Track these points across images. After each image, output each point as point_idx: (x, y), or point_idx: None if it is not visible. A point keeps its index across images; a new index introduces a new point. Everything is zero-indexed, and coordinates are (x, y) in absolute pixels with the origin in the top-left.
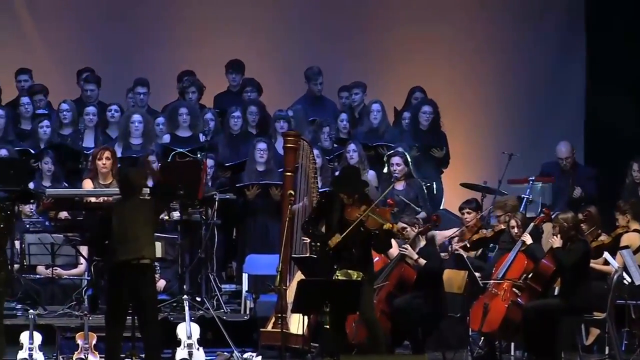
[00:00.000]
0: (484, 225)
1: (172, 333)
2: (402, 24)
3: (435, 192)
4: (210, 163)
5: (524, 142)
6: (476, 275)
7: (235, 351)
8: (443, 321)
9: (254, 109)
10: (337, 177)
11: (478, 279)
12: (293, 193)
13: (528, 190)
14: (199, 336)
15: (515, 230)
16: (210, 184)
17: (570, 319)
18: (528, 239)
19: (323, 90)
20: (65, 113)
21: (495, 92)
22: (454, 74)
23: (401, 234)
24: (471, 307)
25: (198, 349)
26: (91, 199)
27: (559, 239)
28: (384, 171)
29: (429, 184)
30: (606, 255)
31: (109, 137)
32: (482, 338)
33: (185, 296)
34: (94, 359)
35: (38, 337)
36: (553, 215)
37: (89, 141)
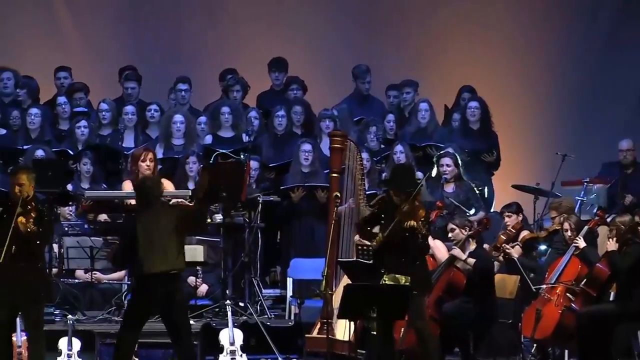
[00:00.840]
0: (525, 228)
1: (215, 339)
2: (453, 21)
3: (486, 195)
4: (255, 165)
5: (579, 143)
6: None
7: (280, 358)
8: (494, 327)
9: (298, 109)
10: (389, 176)
11: (530, 283)
12: (339, 195)
13: (582, 193)
14: (242, 342)
15: (569, 233)
16: (255, 186)
17: (626, 324)
18: (581, 243)
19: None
20: (104, 113)
21: (549, 91)
22: (506, 73)
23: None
24: (523, 313)
25: (241, 356)
26: (131, 201)
27: (614, 242)
28: (433, 172)
29: (479, 187)
30: None
31: (149, 138)
32: (535, 345)
33: (227, 301)
34: None
35: (77, 343)
36: (609, 218)
37: (128, 141)
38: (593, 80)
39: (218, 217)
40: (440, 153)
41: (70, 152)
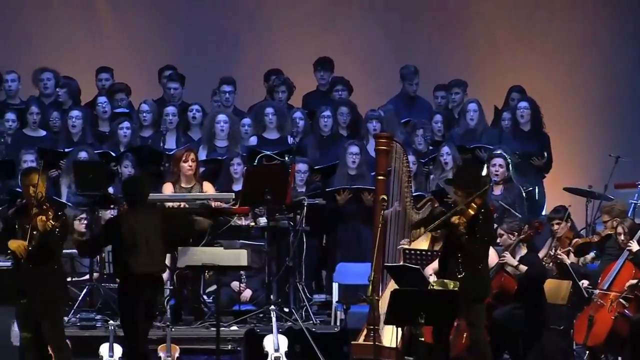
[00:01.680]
0: (577, 235)
1: (259, 345)
2: (501, 21)
3: (537, 198)
4: (303, 167)
5: (633, 145)
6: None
7: None
8: (545, 334)
9: (344, 110)
10: (455, 172)
11: (583, 289)
12: (386, 198)
13: (636, 195)
14: (286, 349)
15: (622, 237)
16: (305, 188)
17: None
18: (635, 247)
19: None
20: (145, 114)
21: (601, 92)
22: (556, 73)
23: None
24: (575, 319)
25: None
26: (171, 204)
27: None
28: (483, 174)
29: (530, 188)
30: None
31: (191, 139)
32: (587, 352)
33: (272, 307)
34: None
35: (118, 349)
36: None
37: (170, 143)
38: None
39: (262, 221)
40: (491, 154)
41: (113, 154)
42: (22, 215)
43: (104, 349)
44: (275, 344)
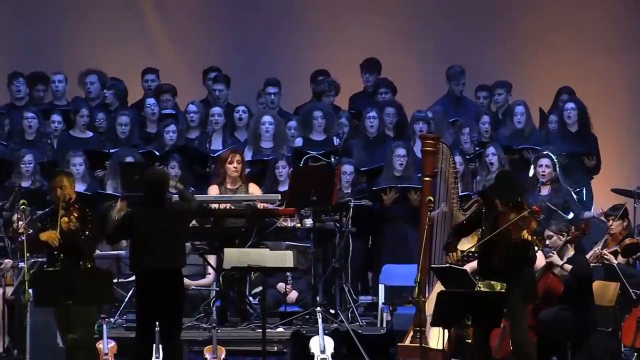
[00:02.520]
0: (631, 235)
1: (305, 347)
2: (546, 22)
3: (584, 199)
4: (349, 169)
5: None
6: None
7: None
8: (592, 335)
9: (390, 111)
10: (494, 183)
11: (631, 290)
12: (432, 199)
13: None
14: (332, 350)
15: None
16: (350, 190)
17: None
18: None
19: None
20: (192, 115)
21: None
22: (602, 73)
23: (538, 243)
24: (623, 321)
25: None
26: (216, 205)
27: None
28: (530, 175)
29: (577, 189)
30: None
31: (237, 140)
32: (635, 354)
33: (318, 308)
34: None
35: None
36: None
37: (216, 144)
38: None
39: (308, 222)
40: (538, 154)
41: (157, 153)
42: (52, 217)
43: None
44: (321, 345)
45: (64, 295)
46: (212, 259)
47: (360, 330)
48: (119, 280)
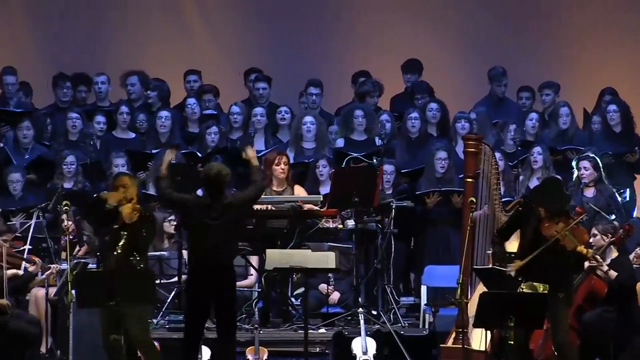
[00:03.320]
0: None
1: (347, 348)
2: (590, 23)
3: (627, 200)
4: (389, 169)
5: None
6: None
7: None
8: (636, 337)
9: (434, 106)
10: (536, 189)
11: None
12: (474, 200)
13: None
14: (375, 351)
15: None
16: (391, 190)
17: None
18: None
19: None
20: (236, 116)
21: None
22: None
23: (594, 259)
24: None
25: None
26: (260, 206)
27: None
28: (573, 177)
29: (621, 190)
30: None
31: (280, 141)
32: None
33: (360, 309)
34: None
35: (206, 352)
36: None
37: (259, 145)
38: None
39: (350, 223)
40: (580, 156)
41: (199, 155)
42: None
43: None
44: (363, 346)
45: (107, 296)
46: (254, 260)
47: (402, 332)
48: (162, 281)
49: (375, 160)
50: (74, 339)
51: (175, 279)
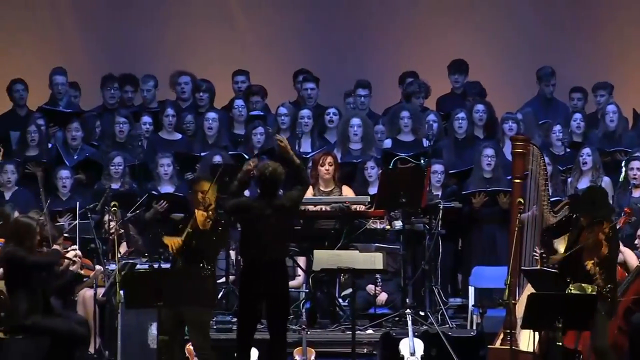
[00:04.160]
0: None
1: (395, 349)
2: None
3: None
4: (439, 168)
5: None
6: None
7: None
8: None
9: (481, 107)
10: (580, 197)
11: None
12: (522, 201)
13: None
14: (422, 353)
15: None
16: (441, 191)
17: None
18: None
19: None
20: (283, 117)
21: None
22: None
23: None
24: None
25: None
26: (308, 207)
27: None
28: (621, 178)
29: None
30: None
31: (327, 142)
32: None
33: (407, 310)
34: None
35: (254, 353)
36: None
37: (306, 146)
38: None
39: (398, 224)
40: (630, 157)
41: (246, 157)
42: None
43: None
44: (411, 347)
45: (155, 296)
46: (302, 260)
47: (450, 333)
48: None
49: (422, 161)
50: (122, 340)
51: (223, 279)
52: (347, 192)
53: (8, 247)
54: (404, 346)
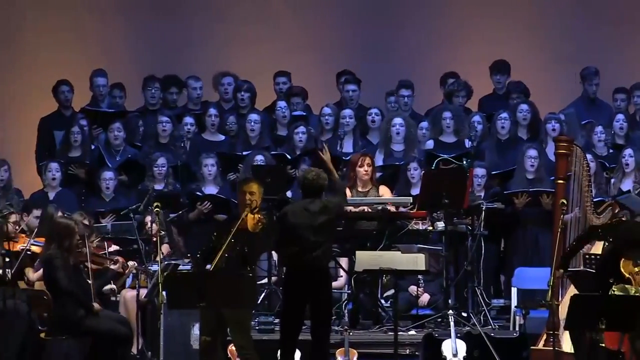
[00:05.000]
0: None
1: (437, 350)
2: None
3: None
4: (481, 172)
5: None
6: None
7: None
8: None
9: (524, 107)
10: (623, 200)
11: None
12: (565, 202)
13: None
14: (465, 354)
15: None
16: (483, 193)
17: None
18: None
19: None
20: (327, 117)
21: None
22: None
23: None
24: None
25: None
26: (349, 208)
27: None
28: None
29: None
30: None
31: (369, 143)
32: None
33: (450, 311)
34: None
35: (297, 354)
36: None
37: (347, 147)
38: None
39: (440, 225)
40: None
41: (288, 157)
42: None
43: None
44: (453, 348)
45: (198, 297)
46: (344, 261)
47: (492, 334)
48: None
49: (465, 162)
50: (164, 340)
51: (265, 280)
52: (385, 193)
53: (49, 250)
54: (447, 347)
